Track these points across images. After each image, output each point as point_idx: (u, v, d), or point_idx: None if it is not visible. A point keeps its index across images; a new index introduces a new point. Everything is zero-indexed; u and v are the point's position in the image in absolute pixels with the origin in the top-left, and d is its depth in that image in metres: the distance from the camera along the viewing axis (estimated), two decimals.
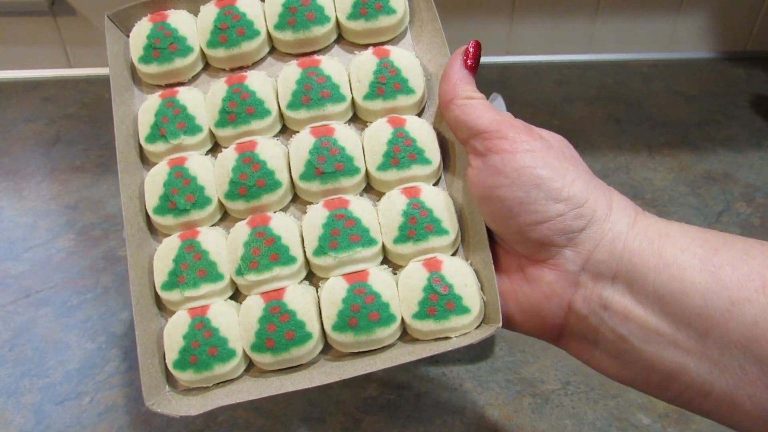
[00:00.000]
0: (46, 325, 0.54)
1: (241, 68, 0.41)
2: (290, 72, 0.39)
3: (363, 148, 0.38)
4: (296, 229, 0.37)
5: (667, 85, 0.84)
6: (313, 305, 0.36)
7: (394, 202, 0.37)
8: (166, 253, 0.37)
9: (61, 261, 0.60)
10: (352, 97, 0.39)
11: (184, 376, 0.36)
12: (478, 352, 0.52)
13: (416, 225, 0.36)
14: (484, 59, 0.89)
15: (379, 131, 0.38)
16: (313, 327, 0.35)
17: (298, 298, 0.36)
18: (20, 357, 0.52)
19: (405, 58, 0.39)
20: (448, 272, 0.36)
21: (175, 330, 0.36)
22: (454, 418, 0.48)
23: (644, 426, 0.47)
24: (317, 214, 0.37)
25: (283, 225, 0.37)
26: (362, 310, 0.35)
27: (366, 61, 0.39)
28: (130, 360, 0.51)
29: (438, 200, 0.37)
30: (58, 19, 0.81)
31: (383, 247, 0.37)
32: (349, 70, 0.39)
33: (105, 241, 0.62)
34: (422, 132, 0.38)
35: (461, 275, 0.36)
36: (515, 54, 0.88)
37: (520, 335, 0.53)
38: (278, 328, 0.35)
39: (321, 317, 0.36)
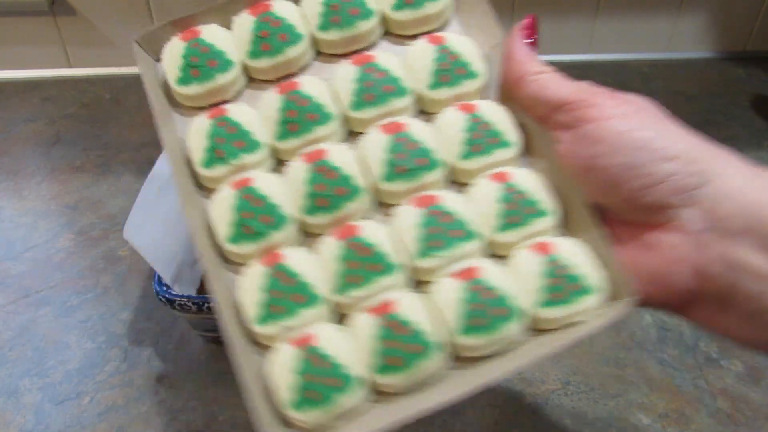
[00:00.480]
0: (46, 325, 0.54)
1: (286, 77, 0.38)
2: (347, 71, 0.37)
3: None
4: (389, 235, 0.34)
5: (667, 85, 0.83)
6: (429, 312, 0.32)
7: (487, 190, 0.35)
8: (252, 284, 0.33)
9: (61, 261, 0.60)
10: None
11: (307, 416, 0.31)
12: None
13: (516, 210, 0.34)
14: None
15: (454, 119, 0.36)
16: (435, 335, 0.32)
17: (412, 306, 0.32)
18: (20, 357, 0.52)
19: (462, 42, 0.37)
20: (563, 253, 0.33)
21: (284, 367, 0.32)
22: (454, 418, 0.48)
23: (644, 426, 0.47)
24: (410, 215, 0.34)
25: (375, 232, 0.34)
26: (485, 307, 0.32)
27: (423, 50, 0.37)
28: (130, 360, 0.51)
29: (531, 182, 0.35)
30: (58, 19, 0.81)
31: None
32: (406, 62, 0.37)
33: (105, 241, 0.62)
34: (497, 115, 0.36)
35: (577, 254, 0.33)
36: None
37: None
38: (399, 344, 0.31)
39: (441, 323, 0.33)
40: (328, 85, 0.37)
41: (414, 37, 0.38)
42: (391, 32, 0.39)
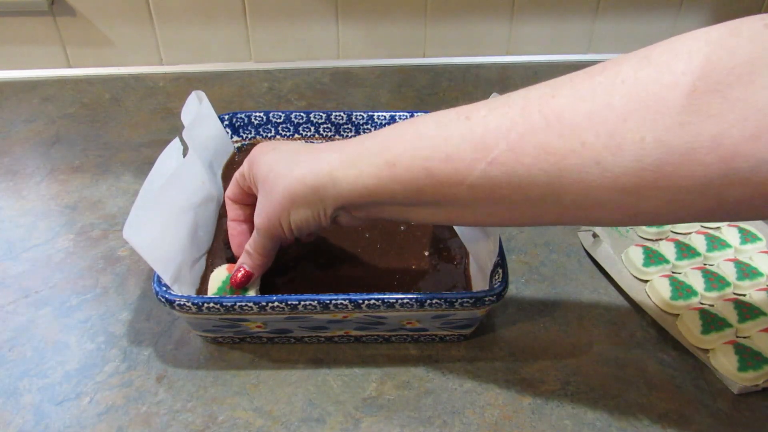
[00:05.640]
0: (45, 325, 0.54)
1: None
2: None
3: None
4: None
5: None
6: None
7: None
8: None
9: (61, 261, 0.60)
10: None
11: None
12: (478, 352, 0.52)
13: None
14: (483, 59, 0.89)
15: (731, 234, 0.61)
16: None
17: None
18: (19, 357, 0.52)
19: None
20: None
21: None
22: (454, 418, 0.48)
23: (644, 426, 0.47)
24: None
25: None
26: None
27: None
28: (129, 360, 0.51)
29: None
30: (58, 19, 0.81)
31: None
32: None
33: (105, 241, 0.62)
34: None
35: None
36: (515, 54, 0.88)
37: (519, 336, 0.53)
38: None
39: None
40: None
41: None
42: None
